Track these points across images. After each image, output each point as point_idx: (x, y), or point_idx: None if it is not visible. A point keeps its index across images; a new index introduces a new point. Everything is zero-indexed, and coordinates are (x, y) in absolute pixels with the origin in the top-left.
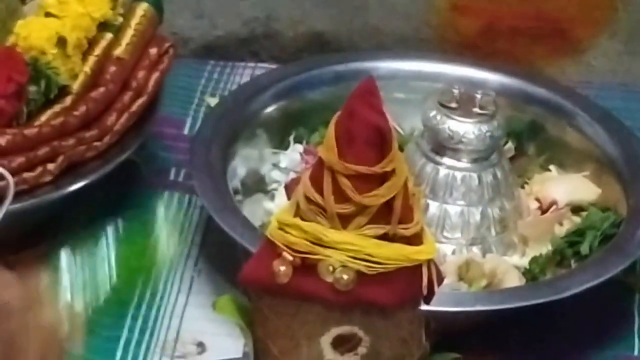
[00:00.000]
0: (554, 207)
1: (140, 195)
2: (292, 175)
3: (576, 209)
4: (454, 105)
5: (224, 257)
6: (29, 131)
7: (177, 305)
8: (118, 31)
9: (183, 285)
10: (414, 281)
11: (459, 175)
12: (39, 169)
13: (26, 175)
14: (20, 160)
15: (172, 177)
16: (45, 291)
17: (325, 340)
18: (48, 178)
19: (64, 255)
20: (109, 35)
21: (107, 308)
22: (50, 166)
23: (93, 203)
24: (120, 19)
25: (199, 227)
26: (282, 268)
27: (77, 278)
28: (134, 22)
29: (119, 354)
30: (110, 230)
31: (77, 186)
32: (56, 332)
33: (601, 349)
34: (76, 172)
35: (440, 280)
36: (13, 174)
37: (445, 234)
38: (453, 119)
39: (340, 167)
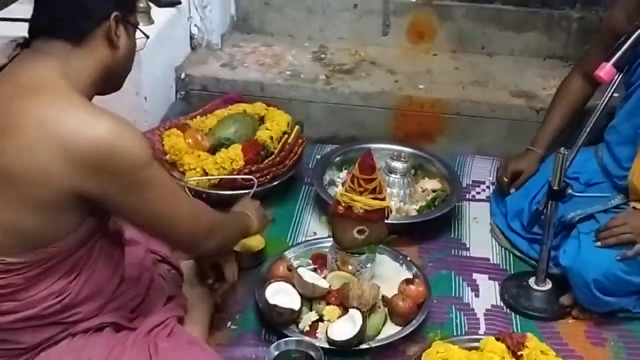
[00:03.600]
0: (427, 190)
1: (295, 190)
2: (345, 179)
3: (435, 191)
4: (394, 158)
5: (322, 206)
6: (258, 167)
7: (305, 221)
8: (288, 136)
9: (309, 218)
10: (383, 212)
11: (396, 180)
12: (263, 179)
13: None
14: (256, 175)
15: (307, 180)
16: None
17: (355, 231)
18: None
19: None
20: (285, 136)
21: (278, 239)
22: (266, 178)
23: (280, 192)
24: (289, 130)
25: (315, 198)
26: (341, 208)
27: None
28: (294, 131)
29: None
30: (282, 202)
31: (275, 183)
32: None
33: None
34: (273, 180)
35: (390, 213)
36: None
37: (393, 198)
38: (394, 161)
39: (359, 176)
